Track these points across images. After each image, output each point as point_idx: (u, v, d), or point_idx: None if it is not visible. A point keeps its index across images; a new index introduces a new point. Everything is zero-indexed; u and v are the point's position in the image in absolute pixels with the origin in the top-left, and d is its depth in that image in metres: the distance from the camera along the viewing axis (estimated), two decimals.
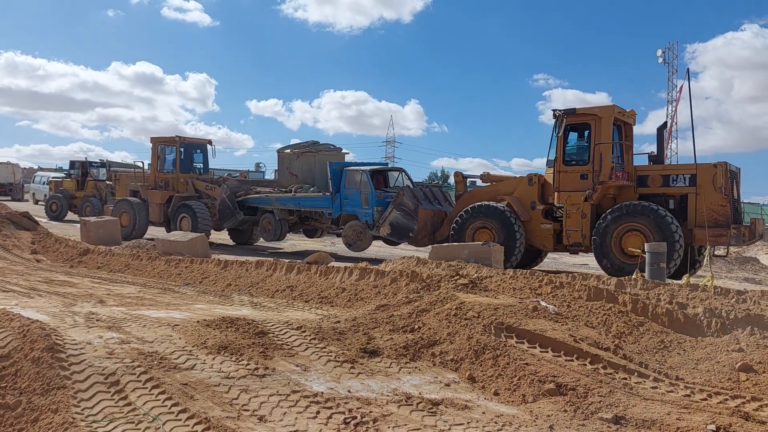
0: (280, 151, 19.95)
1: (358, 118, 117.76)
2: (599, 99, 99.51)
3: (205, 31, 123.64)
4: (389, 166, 18.78)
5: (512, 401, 4.95)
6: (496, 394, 5.10)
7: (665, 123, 14.19)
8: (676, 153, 46.83)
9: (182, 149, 21.06)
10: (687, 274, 11.38)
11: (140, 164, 22.02)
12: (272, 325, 6.41)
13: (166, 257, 13.14)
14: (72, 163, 30.90)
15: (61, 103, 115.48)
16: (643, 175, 13.09)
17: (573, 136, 13.83)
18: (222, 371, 5.01)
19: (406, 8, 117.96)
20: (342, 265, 10.89)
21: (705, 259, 12.64)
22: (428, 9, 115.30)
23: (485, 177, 15.23)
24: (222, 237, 22.16)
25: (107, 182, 29.04)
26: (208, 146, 21.99)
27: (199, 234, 15.67)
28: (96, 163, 31.02)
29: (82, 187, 29.16)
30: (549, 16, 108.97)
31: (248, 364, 5.19)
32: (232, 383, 4.76)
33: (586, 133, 13.40)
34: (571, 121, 13.39)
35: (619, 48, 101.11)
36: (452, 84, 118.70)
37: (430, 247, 14.84)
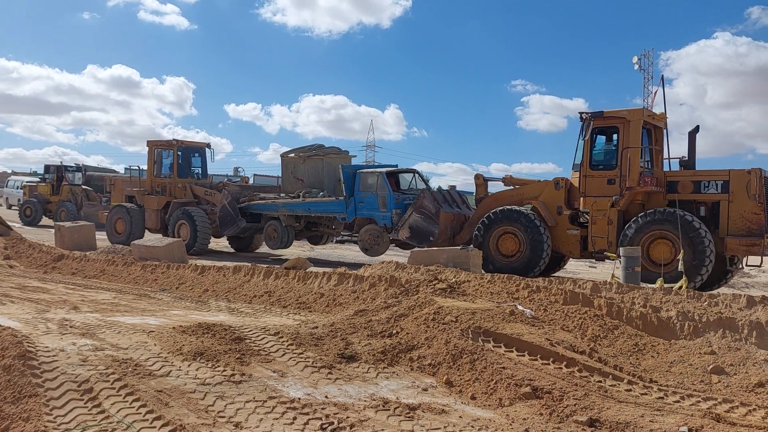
0: (284, 156, 19.31)
1: (337, 122, 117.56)
2: (576, 105, 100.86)
3: (183, 34, 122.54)
4: (398, 167, 17.91)
5: (489, 405, 4.98)
6: (473, 398, 5.12)
7: (697, 127, 13.47)
8: None
9: (180, 153, 20.31)
10: (660, 278, 11.45)
11: (136, 169, 21.30)
12: (249, 331, 6.38)
13: (142, 263, 12.99)
14: (47, 168, 30.43)
15: (35, 107, 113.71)
16: (673, 181, 12.59)
17: (600, 139, 13.37)
18: (198, 378, 4.97)
19: (385, 14, 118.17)
20: (320, 270, 10.87)
21: (737, 268, 12.29)
22: (407, 14, 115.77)
23: (507, 180, 14.79)
24: (220, 244, 21.45)
25: (83, 187, 28.63)
26: (207, 150, 21.27)
27: (176, 239, 15.53)
28: (71, 167, 30.55)
29: (57, 191, 28.69)
30: (527, 23, 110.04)
31: (224, 371, 5.15)
32: (207, 390, 4.72)
33: (614, 136, 12.98)
34: (599, 125, 12.97)
35: (596, 55, 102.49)
36: (432, 89, 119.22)
37: (409, 251, 14.84)
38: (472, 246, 13.23)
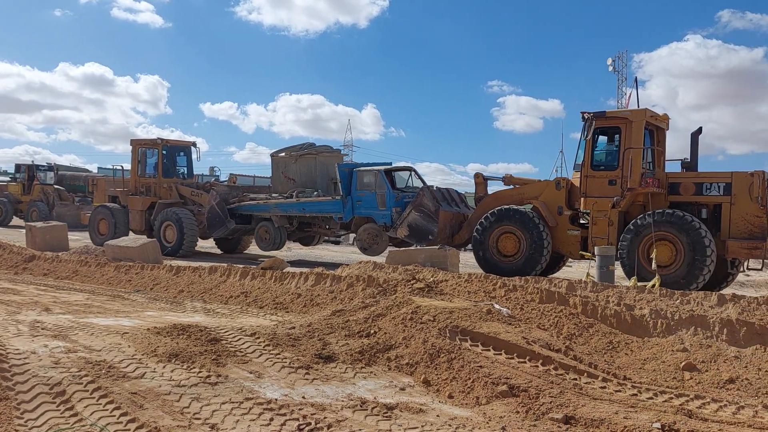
0: (274, 155, 18.89)
1: (314, 122, 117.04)
2: (552, 106, 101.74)
3: (157, 32, 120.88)
4: (393, 165, 17.44)
5: (466, 404, 5.00)
6: (450, 397, 5.14)
7: (700, 128, 13.20)
8: None
9: (165, 152, 19.77)
10: (634, 277, 11.60)
11: (119, 168, 20.69)
12: (225, 332, 6.32)
13: (115, 263, 12.82)
14: (18, 167, 29.89)
15: (5, 105, 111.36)
16: (674, 183, 12.41)
17: (602, 140, 13.20)
18: (173, 379, 4.91)
19: (363, 13, 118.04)
20: (297, 270, 10.82)
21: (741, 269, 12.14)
22: (384, 15, 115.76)
23: (507, 179, 14.58)
24: (207, 245, 20.87)
25: (55, 186, 28.15)
26: (193, 149, 20.58)
27: (150, 239, 15.32)
28: (43, 166, 30.02)
29: (29, 191, 28.18)
30: (502, 25, 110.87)
31: (200, 372, 5.10)
32: (183, 391, 4.67)
33: (616, 137, 12.79)
34: (601, 125, 12.82)
35: (571, 57, 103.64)
36: (409, 89, 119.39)
37: (387, 251, 14.82)
38: (449, 247, 13.28)
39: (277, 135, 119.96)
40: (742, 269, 12.58)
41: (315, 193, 17.48)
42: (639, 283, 10.13)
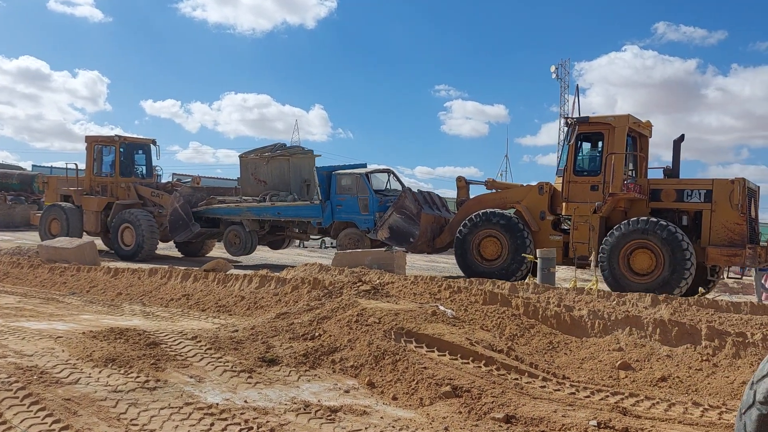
0: (243, 156, 18.19)
1: (260, 121, 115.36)
2: (497, 111, 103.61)
3: (97, 26, 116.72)
4: (367, 167, 17.08)
5: (410, 405, 5.03)
6: (394, 398, 5.16)
7: (682, 136, 13.38)
8: None
9: (122, 150, 18.84)
10: (574, 278, 11.92)
11: (73, 166, 19.66)
12: (165, 336, 6.17)
13: (50, 265, 12.32)
14: None
15: None
16: (656, 189, 12.55)
17: (585, 145, 13.30)
18: (109, 385, 4.75)
19: (310, 14, 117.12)
20: (241, 272, 10.66)
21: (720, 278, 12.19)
22: (332, 16, 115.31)
23: (490, 183, 14.69)
24: (166, 247, 19.99)
25: None
26: (152, 146, 19.60)
27: (88, 240, 14.81)
28: None
29: None
30: (448, 30, 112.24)
31: (138, 377, 4.96)
32: (119, 397, 4.53)
33: (599, 142, 12.91)
34: (584, 130, 12.88)
35: (516, 63, 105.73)
36: (357, 91, 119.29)
37: (333, 253, 14.77)
38: (395, 249, 13.34)
39: (222, 134, 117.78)
40: (722, 276, 12.73)
41: (290, 196, 16.94)
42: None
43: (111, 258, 16.95)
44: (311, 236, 17.75)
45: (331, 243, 21.92)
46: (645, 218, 11.85)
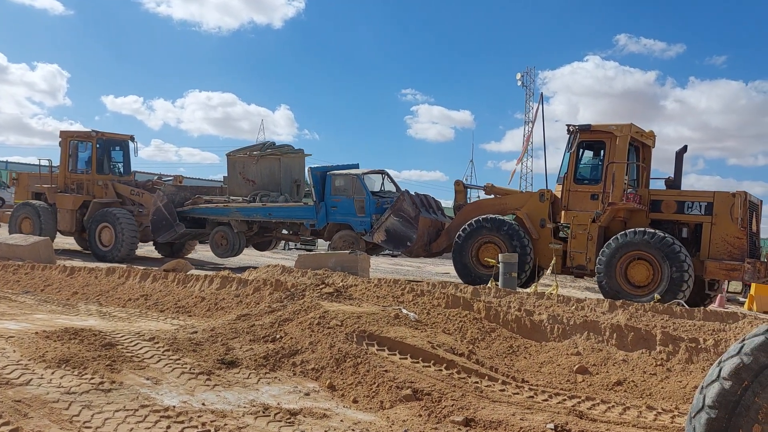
0: (230, 155, 17.60)
1: (225, 120, 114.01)
2: (463, 116, 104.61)
3: (57, 19, 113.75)
4: (358, 167, 16.66)
5: (370, 408, 5.03)
6: (355, 401, 5.15)
7: (685, 147, 13.27)
8: (531, 171, 50.39)
9: (99, 146, 18.03)
10: (535, 283, 12.08)
11: (46, 162, 18.74)
12: (121, 336, 6.04)
13: (2, 262, 11.95)
14: None
15: None
16: (656, 200, 12.42)
17: (587, 153, 13.12)
18: (62, 386, 4.63)
19: (278, 14, 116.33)
20: (202, 273, 10.51)
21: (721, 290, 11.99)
22: (300, 16, 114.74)
23: (489, 189, 14.45)
24: (145, 248, 19.36)
25: None
26: (130, 143, 18.95)
27: (43, 237, 14.41)
28: None
29: None
30: (415, 35, 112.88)
31: (92, 378, 4.84)
32: (73, 399, 4.41)
33: (601, 151, 12.72)
34: (585, 138, 12.70)
35: (482, 69, 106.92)
36: (323, 92, 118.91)
37: (296, 255, 14.66)
38: (360, 251, 13.32)
39: (185, 132, 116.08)
40: (722, 291, 12.66)
41: (281, 197, 16.52)
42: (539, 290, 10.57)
43: (86, 258, 16.41)
44: (303, 238, 17.40)
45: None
46: (643, 229, 11.75)
